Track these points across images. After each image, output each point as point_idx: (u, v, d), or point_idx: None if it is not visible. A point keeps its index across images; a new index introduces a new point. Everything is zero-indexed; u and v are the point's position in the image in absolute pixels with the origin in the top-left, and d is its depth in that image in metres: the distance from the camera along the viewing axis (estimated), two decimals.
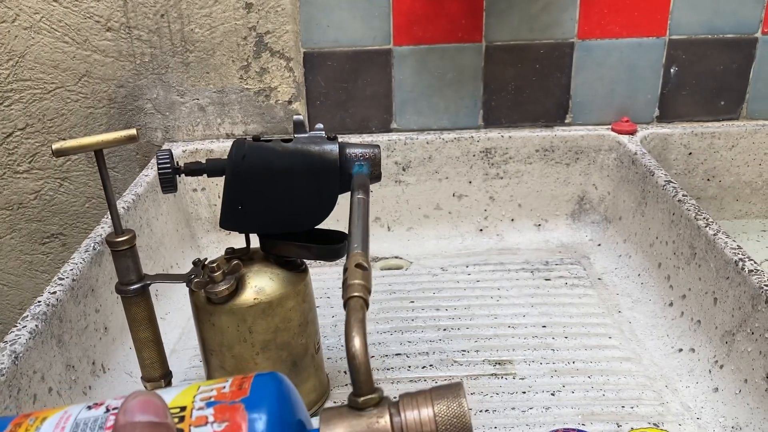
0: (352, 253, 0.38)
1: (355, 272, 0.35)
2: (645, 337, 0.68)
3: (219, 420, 0.25)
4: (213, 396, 0.26)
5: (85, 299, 0.61)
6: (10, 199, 0.93)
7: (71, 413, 0.26)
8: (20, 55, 0.86)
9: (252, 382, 0.27)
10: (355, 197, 0.48)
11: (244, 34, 0.86)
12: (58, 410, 0.27)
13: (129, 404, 0.24)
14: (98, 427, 0.25)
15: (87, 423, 0.25)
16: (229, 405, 0.25)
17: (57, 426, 0.25)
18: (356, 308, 0.32)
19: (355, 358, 0.29)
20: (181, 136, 0.91)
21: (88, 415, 0.26)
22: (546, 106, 0.91)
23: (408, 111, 0.90)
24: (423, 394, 0.28)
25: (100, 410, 0.26)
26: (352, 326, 0.31)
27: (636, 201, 0.81)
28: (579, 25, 0.86)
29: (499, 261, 0.84)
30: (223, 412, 0.25)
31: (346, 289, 0.34)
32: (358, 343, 0.30)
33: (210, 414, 0.25)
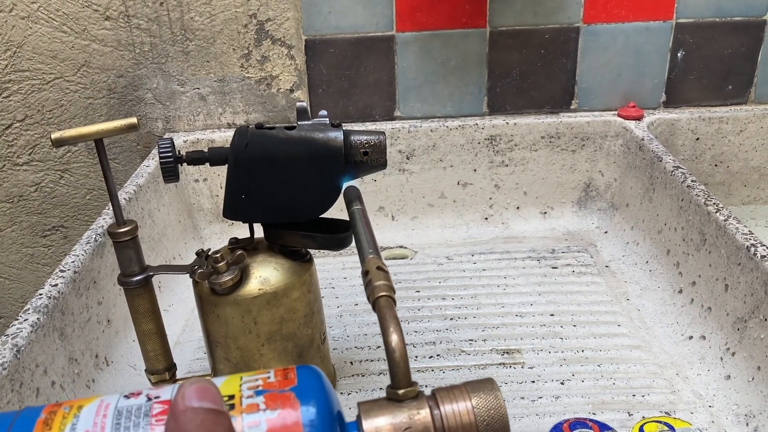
0: (368, 258, 0.39)
1: (378, 274, 0.36)
2: (654, 324, 0.67)
3: (271, 407, 0.25)
4: (260, 385, 0.26)
5: (87, 292, 0.60)
6: (11, 192, 0.92)
7: (109, 402, 0.26)
8: (18, 46, 0.85)
9: (296, 373, 0.27)
10: (354, 208, 0.47)
11: (245, 22, 0.85)
12: (93, 399, 0.26)
13: (187, 390, 0.24)
14: (143, 414, 0.25)
15: (130, 411, 0.25)
16: (279, 393, 0.26)
17: (97, 414, 0.25)
18: (387, 306, 0.33)
19: (395, 352, 0.30)
20: (181, 126, 0.90)
21: (129, 403, 0.26)
22: (551, 92, 0.89)
23: (411, 98, 0.89)
24: (458, 388, 0.29)
25: (141, 399, 0.26)
26: (388, 322, 0.32)
27: (643, 187, 0.80)
28: (584, 9, 0.85)
29: (505, 249, 0.83)
30: (274, 400, 0.26)
31: (372, 290, 0.35)
32: (396, 338, 0.31)
33: (261, 402, 0.26)
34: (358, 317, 0.70)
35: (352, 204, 0.48)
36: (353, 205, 0.48)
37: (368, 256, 0.39)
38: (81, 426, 0.25)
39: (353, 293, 0.74)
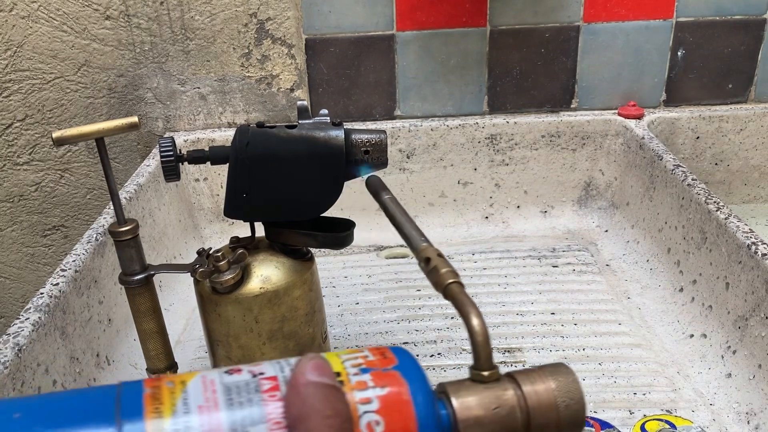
0: (422, 247, 0.39)
1: (441, 261, 0.37)
2: (655, 323, 0.67)
3: (379, 385, 0.26)
4: (362, 363, 0.27)
5: (88, 291, 0.60)
6: (11, 192, 0.92)
7: (212, 377, 0.26)
8: (18, 45, 0.85)
9: (393, 352, 0.28)
10: (385, 198, 0.47)
11: (245, 21, 0.85)
12: (192, 375, 0.26)
13: (305, 366, 0.25)
14: (253, 390, 0.25)
15: (239, 386, 0.25)
16: (384, 372, 0.27)
17: (205, 389, 0.25)
18: (460, 291, 0.34)
19: (478, 334, 0.30)
20: (182, 125, 0.90)
21: (234, 379, 0.26)
22: (551, 91, 0.89)
23: (412, 97, 0.89)
24: (535, 371, 0.30)
25: (245, 375, 0.26)
26: (467, 306, 0.32)
27: (644, 186, 0.80)
28: (584, 8, 0.85)
29: (506, 248, 0.83)
30: (380, 378, 0.26)
31: (440, 277, 0.36)
32: (477, 321, 0.31)
33: (368, 379, 0.26)
34: (359, 316, 0.70)
35: (380, 194, 0.48)
36: (383, 195, 0.47)
37: (422, 244, 0.40)
38: (192, 401, 0.24)
39: (354, 292, 0.74)
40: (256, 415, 0.24)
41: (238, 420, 0.24)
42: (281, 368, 0.27)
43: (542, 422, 0.28)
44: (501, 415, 0.28)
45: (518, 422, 0.28)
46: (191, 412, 0.24)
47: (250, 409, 0.24)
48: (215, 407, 0.24)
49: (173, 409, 0.24)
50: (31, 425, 0.23)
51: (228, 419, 0.24)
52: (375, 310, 0.71)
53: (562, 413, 0.28)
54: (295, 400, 0.24)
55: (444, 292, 0.35)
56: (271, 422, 0.24)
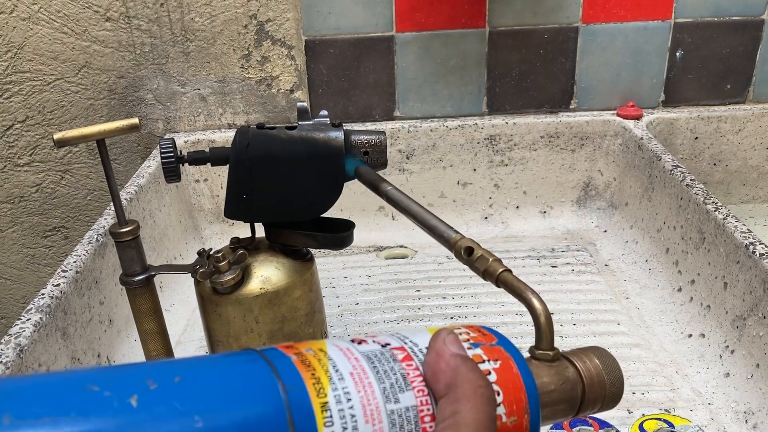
0: (456, 239, 0.40)
1: (485, 251, 0.38)
2: (654, 323, 0.67)
3: (492, 359, 0.28)
4: (470, 339, 0.28)
5: (89, 291, 0.60)
6: (12, 193, 0.93)
7: (346, 346, 0.26)
8: (19, 47, 0.85)
9: (487, 329, 0.30)
10: (388, 189, 0.47)
11: (245, 23, 0.85)
12: (322, 343, 0.26)
13: (447, 339, 0.26)
14: (391, 359, 0.26)
15: (376, 355, 0.26)
16: (491, 347, 0.28)
17: (347, 357, 0.25)
18: (514, 278, 0.35)
19: (541, 316, 0.32)
20: (182, 126, 0.90)
21: (369, 348, 0.26)
22: (550, 91, 0.90)
23: (411, 98, 0.90)
24: (580, 351, 0.32)
25: (374, 345, 0.27)
26: (526, 292, 0.34)
27: (642, 186, 0.81)
28: (583, 9, 0.85)
29: (505, 248, 0.84)
30: (491, 352, 0.28)
31: (489, 266, 0.37)
32: (538, 304, 0.33)
33: (482, 353, 0.28)
34: (358, 316, 0.70)
35: (380, 185, 0.47)
36: (385, 186, 0.47)
37: (454, 234, 0.41)
38: (342, 368, 0.25)
39: (354, 292, 0.74)
40: (402, 382, 0.25)
41: (387, 387, 0.25)
42: (401, 340, 0.28)
43: (593, 396, 0.31)
44: (566, 389, 0.31)
45: (578, 396, 0.31)
46: (345, 378, 0.24)
47: (395, 377, 0.25)
48: (365, 374, 0.25)
49: (328, 375, 0.24)
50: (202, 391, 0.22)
51: (379, 386, 0.25)
52: (375, 311, 0.71)
53: (608, 389, 0.31)
54: (446, 369, 0.25)
55: (497, 281, 0.37)
56: (416, 389, 0.25)
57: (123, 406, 0.21)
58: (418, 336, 0.28)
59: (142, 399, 0.21)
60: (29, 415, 0.19)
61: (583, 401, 0.31)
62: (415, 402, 0.25)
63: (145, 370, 0.23)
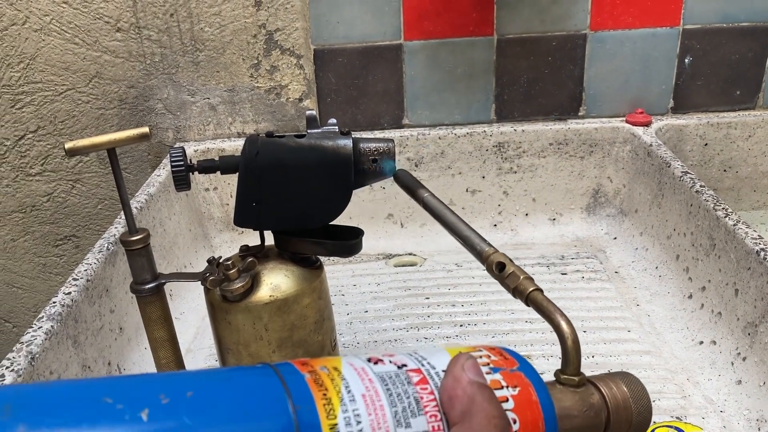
0: (489, 253, 0.40)
1: (516, 268, 0.37)
2: (664, 330, 0.67)
3: (511, 385, 0.27)
4: (489, 363, 0.28)
5: (100, 300, 0.61)
6: (23, 202, 0.93)
7: (361, 365, 0.26)
8: (31, 57, 0.86)
9: (509, 353, 0.29)
10: (425, 195, 0.47)
11: (254, 32, 0.86)
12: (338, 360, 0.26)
13: (466, 364, 0.26)
14: (405, 381, 0.26)
15: (391, 377, 0.26)
16: (511, 372, 0.28)
17: (361, 378, 0.25)
18: (544, 298, 0.35)
19: (568, 340, 0.32)
20: (192, 135, 0.91)
21: (384, 369, 0.26)
22: (559, 99, 0.90)
23: (420, 106, 0.90)
24: (607, 377, 0.32)
25: (390, 366, 0.26)
26: (555, 314, 0.33)
27: (652, 193, 0.80)
28: (591, 16, 0.85)
29: (515, 256, 0.82)
30: (510, 378, 0.27)
31: (520, 284, 0.36)
32: (568, 328, 0.32)
33: (500, 379, 0.27)
34: (368, 324, 0.70)
35: (417, 191, 0.47)
36: (422, 193, 0.47)
37: (487, 248, 0.40)
38: (355, 389, 0.25)
39: (363, 300, 0.74)
40: (415, 407, 0.25)
41: (399, 411, 0.25)
42: (419, 361, 0.27)
43: (618, 424, 0.31)
44: (590, 416, 0.30)
45: (602, 423, 0.31)
46: (356, 400, 0.24)
47: (408, 400, 0.25)
48: (377, 396, 0.25)
49: (340, 396, 0.24)
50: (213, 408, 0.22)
51: (390, 409, 0.24)
52: (384, 318, 0.71)
53: (634, 417, 0.31)
54: (462, 396, 0.25)
55: (526, 300, 0.36)
56: (429, 414, 0.25)
57: (134, 420, 0.21)
58: (437, 357, 0.28)
59: (153, 413, 0.21)
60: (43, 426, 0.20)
61: (608, 429, 0.31)
62: (426, 427, 0.25)
63: (159, 383, 0.23)
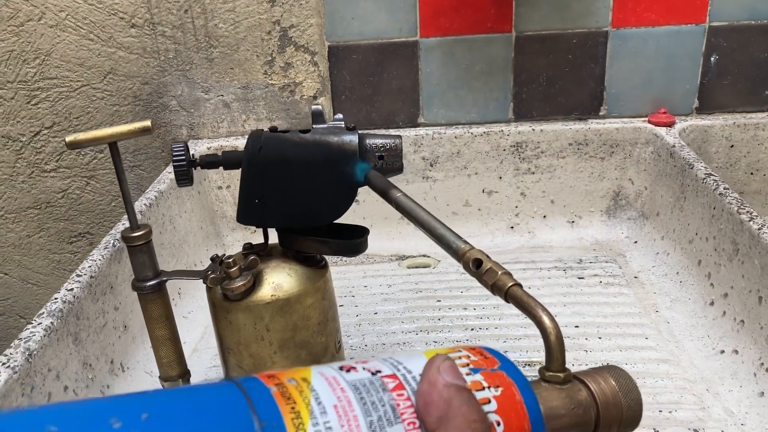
0: (465, 250, 0.38)
1: (494, 263, 0.36)
2: (684, 337, 0.64)
3: (493, 385, 0.26)
4: (469, 363, 0.27)
5: (104, 297, 0.60)
6: (38, 198, 0.93)
7: (333, 375, 0.25)
8: (46, 54, 0.86)
9: (490, 352, 0.28)
10: (397, 195, 0.45)
11: (268, 29, 0.85)
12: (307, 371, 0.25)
13: (442, 366, 0.25)
14: (381, 389, 0.25)
15: (365, 385, 0.24)
16: (492, 372, 0.27)
17: (332, 387, 0.24)
18: (523, 293, 0.34)
19: (553, 336, 0.31)
20: (206, 132, 0.90)
21: (357, 377, 0.25)
22: (579, 98, 0.87)
23: (435, 104, 0.88)
24: (594, 372, 0.31)
25: (364, 373, 0.25)
26: (536, 309, 0.32)
27: (674, 196, 0.78)
28: (613, 12, 0.83)
29: (531, 259, 0.81)
30: (492, 378, 0.26)
31: (498, 280, 0.35)
32: (550, 323, 0.31)
33: (481, 380, 0.26)
34: (377, 326, 0.68)
35: (389, 192, 0.46)
36: (394, 193, 0.45)
37: (463, 245, 0.39)
38: (326, 400, 0.23)
39: (373, 302, 0.73)
40: (391, 415, 0.24)
41: (375, 420, 0.23)
42: (394, 366, 0.26)
43: (608, 420, 0.30)
44: (578, 413, 0.29)
45: (591, 420, 0.30)
46: (328, 412, 0.23)
47: (384, 409, 0.24)
48: (350, 406, 0.23)
49: (309, 409, 0.23)
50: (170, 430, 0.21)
51: (365, 419, 0.23)
52: (393, 321, 0.69)
53: (624, 412, 0.30)
54: (438, 401, 0.24)
55: (505, 296, 0.35)
56: (406, 422, 0.24)
57: None
58: (414, 361, 0.27)
59: None
60: None
61: (598, 426, 0.30)
62: None
63: (111, 406, 0.21)
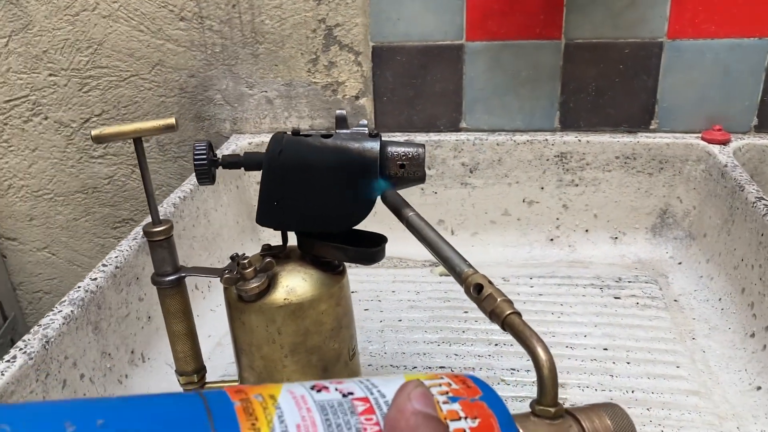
0: (468, 272, 0.38)
1: (494, 289, 0.36)
2: (719, 369, 0.61)
3: (470, 416, 0.25)
4: (448, 391, 0.27)
5: (128, 287, 0.61)
6: (86, 183, 0.96)
7: (301, 393, 0.25)
8: (99, 43, 0.88)
9: (473, 381, 0.28)
10: (410, 215, 0.45)
11: (314, 27, 0.84)
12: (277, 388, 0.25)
13: (412, 393, 0.24)
14: (349, 411, 0.24)
15: (333, 406, 0.24)
16: (471, 402, 0.26)
17: (299, 406, 0.24)
18: (521, 322, 0.33)
19: (546, 369, 0.30)
20: (248, 128, 0.91)
21: (326, 397, 0.25)
22: (629, 110, 0.84)
23: (479, 110, 0.86)
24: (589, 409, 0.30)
25: (334, 394, 0.25)
26: (531, 339, 0.32)
27: (723, 218, 0.74)
28: (669, 23, 0.79)
29: (567, 274, 0.79)
30: (470, 408, 0.26)
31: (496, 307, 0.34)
32: (545, 355, 0.31)
33: (459, 409, 0.26)
34: (399, 334, 0.67)
35: (402, 210, 0.45)
36: (407, 212, 0.45)
37: (466, 269, 0.38)
38: (289, 419, 0.23)
39: (399, 308, 0.72)
40: None
41: None
42: (368, 389, 0.25)
43: None
44: None
45: None
46: (289, 431, 0.23)
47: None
48: (314, 427, 0.23)
49: (270, 426, 0.23)
50: None
51: None
52: (417, 329, 0.68)
53: None
54: (404, 428, 0.23)
55: (502, 324, 0.34)
56: None
57: None
58: (390, 385, 0.26)
59: None
60: None
61: None
62: None
63: (67, 410, 0.21)
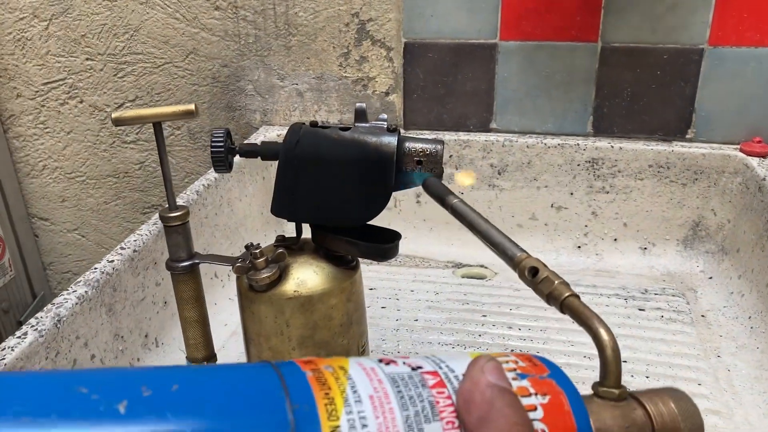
0: (522, 256, 0.38)
1: (551, 272, 0.35)
2: (743, 390, 0.59)
3: (540, 393, 0.25)
4: (516, 368, 0.26)
5: (146, 271, 0.61)
6: (117, 168, 0.97)
7: (371, 366, 0.24)
8: (135, 29, 0.89)
9: (540, 359, 0.28)
10: (454, 201, 0.44)
11: (347, 21, 0.84)
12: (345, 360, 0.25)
13: (487, 366, 0.24)
14: (420, 384, 0.24)
15: (404, 379, 0.24)
16: (540, 379, 0.26)
17: (370, 378, 0.23)
18: (580, 304, 0.33)
19: (610, 350, 0.29)
20: (278, 120, 0.91)
21: (396, 370, 0.24)
22: (665, 117, 0.82)
23: (510, 111, 0.85)
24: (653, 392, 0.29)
25: (404, 367, 0.25)
26: (593, 320, 0.31)
27: (758, 233, 0.71)
28: (711, 29, 0.77)
29: (593, 283, 0.77)
30: (540, 385, 0.26)
31: (554, 290, 0.34)
32: (607, 336, 0.30)
33: (528, 386, 0.25)
34: (414, 334, 0.67)
35: (446, 198, 0.44)
36: (450, 199, 0.44)
37: (519, 253, 0.38)
38: (362, 390, 0.23)
39: (417, 308, 0.71)
40: (429, 411, 0.23)
41: (411, 415, 0.22)
42: (436, 364, 0.25)
43: None
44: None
45: None
46: (363, 402, 0.22)
47: (422, 404, 0.23)
48: (386, 398, 0.23)
49: (344, 396, 0.22)
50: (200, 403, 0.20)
51: (401, 413, 0.22)
52: (432, 330, 0.67)
53: None
54: (479, 401, 0.23)
55: (561, 306, 0.33)
56: (444, 420, 0.23)
57: (110, 412, 0.19)
58: (457, 361, 0.25)
59: (132, 406, 0.19)
60: (8, 413, 0.18)
61: None
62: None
63: (142, 375, 0.21)
